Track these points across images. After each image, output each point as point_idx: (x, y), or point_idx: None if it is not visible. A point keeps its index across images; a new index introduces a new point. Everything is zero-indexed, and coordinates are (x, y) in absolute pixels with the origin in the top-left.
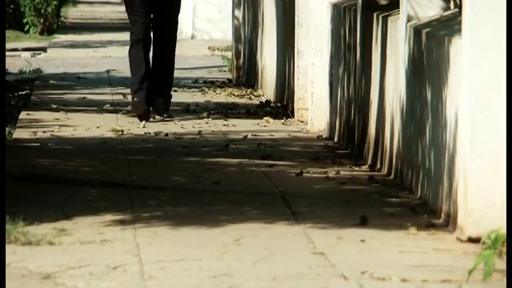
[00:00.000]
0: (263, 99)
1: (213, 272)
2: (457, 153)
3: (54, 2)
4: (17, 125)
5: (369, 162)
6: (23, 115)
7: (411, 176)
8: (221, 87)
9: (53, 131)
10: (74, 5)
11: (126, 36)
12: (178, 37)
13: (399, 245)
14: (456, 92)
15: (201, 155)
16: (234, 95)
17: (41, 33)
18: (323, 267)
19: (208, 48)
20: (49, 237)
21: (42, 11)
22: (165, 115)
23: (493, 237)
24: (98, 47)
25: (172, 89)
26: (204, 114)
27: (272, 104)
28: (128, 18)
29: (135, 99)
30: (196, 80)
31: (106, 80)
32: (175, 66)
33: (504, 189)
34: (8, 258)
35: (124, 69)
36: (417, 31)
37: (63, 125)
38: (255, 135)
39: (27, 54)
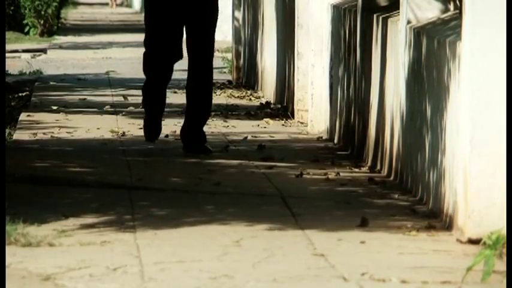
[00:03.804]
0: (263, 101)
1: (213, 273)
2: (457, 155)
3: (54, 4)
4: (17, 126)
5: (369, 163)
6: (23, 116)
7: (411, 177)
8: (221, 89)
9: (53, 132)
10: (74, 6)
11: (125, 37)
12: None
13: (399, 246)
14: (456, 93)
15: (201, 157)
16: (234, 96)
17: (41, 34)
18: (323, 269)
19: None
20: (49, 238)
21: (43, 12)
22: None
23: (494, 238)
24: (97, 48)
25: (173, 90)
26: None
27: (272, 106)
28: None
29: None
30: None
31: (106, 81)
32: (179, 68)
33: (504, 190)
34: (8, 259)
35: (124, 70)
36: (417, 33)
37: (63, 127)
38: (255, 137)
39: (27, 55)
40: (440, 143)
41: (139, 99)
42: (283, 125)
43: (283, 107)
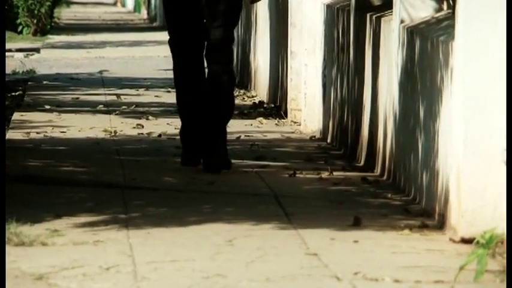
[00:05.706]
0: (256, 100)
1: (206, 273)
2: (450, 154)
3: (48, 3)
4: (10, 126)
5: (362, 163)
6: (16, 116)
7: (404, 177)
8: None
9: (46, 131)
10: (67, 5)
11: (118, 37)
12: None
13: (392, 246)
14: (449, 92)
15: None
16: None
17: (34, 34)
18: (316, 268)
19: None
20: (42, 238)
21: (36, 11)
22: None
23: (487, 237)
24: (91, 47)
25: (167, 89)
26: None
27: (265, 105)
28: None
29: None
30: None
31: (99, 80)
32: (170, 67)
33: (497, 190)
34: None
35: (117, 69)
36: (410, 32)
37: (56, 126)
38: (248, 136)
39: (20, 55)
40: (433, 143)
41: (132, 99)
42: (276, 124)
43: (276, 106)
